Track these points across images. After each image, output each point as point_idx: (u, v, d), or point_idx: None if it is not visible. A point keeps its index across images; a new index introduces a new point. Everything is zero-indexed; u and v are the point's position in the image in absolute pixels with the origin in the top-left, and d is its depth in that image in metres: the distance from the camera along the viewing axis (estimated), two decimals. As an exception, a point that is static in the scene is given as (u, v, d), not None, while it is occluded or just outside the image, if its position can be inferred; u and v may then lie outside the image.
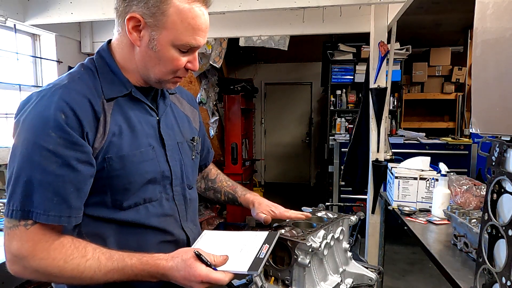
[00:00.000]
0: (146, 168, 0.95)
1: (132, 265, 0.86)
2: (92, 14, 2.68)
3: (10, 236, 0.82)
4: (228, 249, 0.96)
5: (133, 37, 0.91)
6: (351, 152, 3.22)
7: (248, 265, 0.88)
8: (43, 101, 0.86)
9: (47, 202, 0.81)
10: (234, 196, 1.29)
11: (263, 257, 0.90)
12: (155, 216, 0.98)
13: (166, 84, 0.99)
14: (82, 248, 0.85)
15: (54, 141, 0.82)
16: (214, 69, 4.47)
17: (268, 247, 0.94)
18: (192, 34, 0.92)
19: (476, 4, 0.89)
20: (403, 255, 3.96)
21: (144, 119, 0.99)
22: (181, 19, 0.89)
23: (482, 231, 0.91)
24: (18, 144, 0.84)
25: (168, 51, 0.92)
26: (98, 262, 0.85)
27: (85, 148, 0.86)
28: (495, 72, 0.85)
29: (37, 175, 0.81)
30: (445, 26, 5.01)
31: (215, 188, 1.33)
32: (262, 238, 0.99)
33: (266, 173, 7.48)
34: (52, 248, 0.83)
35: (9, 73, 2.96)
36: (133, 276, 0.87)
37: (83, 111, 0.87)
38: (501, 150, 0.86)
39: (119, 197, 0.93)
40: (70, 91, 0.88)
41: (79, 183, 0.86)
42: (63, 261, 0.83)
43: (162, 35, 0.90)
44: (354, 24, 3.00)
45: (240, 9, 2.45)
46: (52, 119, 0.82)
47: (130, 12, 0.89)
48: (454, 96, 5.36)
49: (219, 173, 1.38)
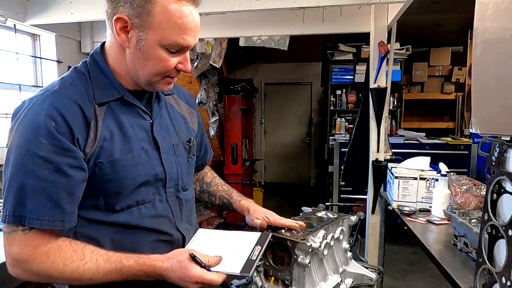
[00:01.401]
0: (138, 171, 0.96)
1: (130, 266, 0.88)
2: (92, 14, 2.68)
3: (10, 241, 0.84)
4: (221, 249, 0.98)
5: (122, 38, 0.91)
6: (351, 152, 3.22)
7: (241, 266, 0.90)
8: (34, 108, 0.86)
9: (40, 207, 0.83)
10: (229, 201, 1.28)
11: (255, 259, 0.92)
12: (148, 217, 0.99)
13: (157, 85, 0.97)
14: (80, 251, 0.87)
15: (45, 148, 0.83)
16: (214, 69, 4.48)
17: (260, 248, 0.96)
18: (180, 33, 0.90)
19: (476, 4, 0.89)
20: (403, 255, 3.96)
21: (136, 122, 0.99)
22: (167, 18, 0.88)
23: (482, 231, 0.91)
24: (11, 150, 0.85)
25: (156, 51, 0.91)
26: (96, 265, 0.87)
27: (76, 153, 0.87)
28: (495, 72, 0.85)
29: (30, 181, 0.82)
30: (445, 26, 5.00)
31: (210, 191, 1.32)
32: (254, 239, 1.00)
33: (266, 173, 7.48)
34: (51, 252, 0.85)
35: (9, 73, 2.96)
36: (131, 276, 0.89)
37: (73, 118, 0.87)
38: (501, 150, 0.86)
39: (112, 200, 0.94)
40: (60, 97, 0.88)
41: (71, 188, 0.87)
42: (63, 264, 0.85)
43: (149, 35, 0.89)
44: (354, 24, 3.01)
45: (240, 9, 2.46)
46: (43, 126, 0.83)
47: (117, 14, 0.89)
48: (454, 96, 5.36)
49: (215, 176, 1.37)
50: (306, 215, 1.23)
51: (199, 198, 1.35)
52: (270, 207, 1.25)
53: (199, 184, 1.34)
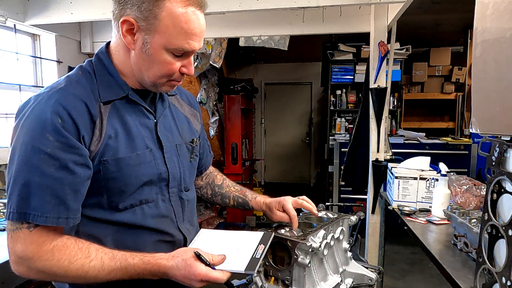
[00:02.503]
0: (142, 170, 0.96)
1: (135, 265, 0.88)
2: (92, 14, 2.68)
3: (14, 239, 0.84)
4: (225, 248, 0.98)
5: (127, 40, 0.91)
6: (351, 152, 3.22)
7: (245, 265, 0.91)
8: (40, 105, 0.87)
9: (45, 204, 0.83)
10: (244, 200, 1.29)
11: (259, 257, 0.93)
12: (151, 217, 0.99)
13: (161, 87, 0.98)
14: (86, 249, 0.87)
15: (51, 145, 0.83)
16: (214, 69, 4.47)
17: (264, 247, 0.96)
18: (185, 38, 0.91)
19: (476, 4, 0.89)
20: (403, 255, 3.96)
21: (141, 122, 0.99)
22: (173, 23, 0.88)
23: (482, 231, 0.91)
24: (16, 147, 0.85)
25: (161, 54, 0.91)
26: (101, 263, 0.87)
27: (82, 151, 0.87)
28: (495, 72, 0.85)
29: (35, 177, 0.82)
30: (445, 26, 5.00)
31: (222, 193, 1.33)
32: (257, 238, 1.01)
33: (266, 173, 7.48)
34: (56, 249, 0.85)
35: (9, 73, 2.96)
36: (136, 275, 0.89)
37: (79, 115, 0.87)
38: (501, 150, 0.86)
39: (115, 199, 0.94)
40: (66, 95, 0.88)
41: (76, 185, 0.87)
42: (68, 261, 0.84)
43: (155, 38, 0.89)
44: (354, 24, 3.01)
45: (240, 9, 2.46)
46: (50, 123, 0.83)
47: (124, 16, 0.89)
48: (454, 96, 5.36)
49: (224, 178, 1.38)
50: (306, 215, 1.23)
51: (211, 202, 1.36)
52: (270, 207, 1.25)
53: (210, 187, 1.34)
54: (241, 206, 1.30)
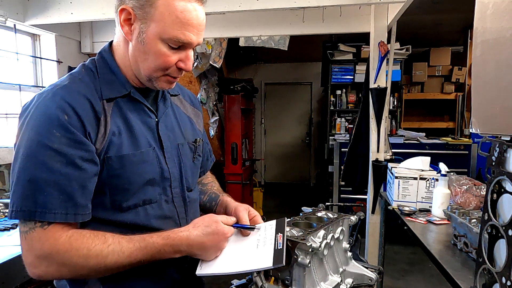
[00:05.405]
0: (145, 168, 0.96)
1: (154, 242, 0.89)
2: (92, 14, 2.68)
3: (29, 240, 0.82)
4: (243, 247, 0.96)
5: (125, 30, 0.91)
6: (351, 152, 3.22)
7: (271, 259, 0.89)
8: (45, 102, 0.86)
9: (53, 201, 0.82)
10: (216, 195, 1.23)
11: (281, 247, 0.90)
12: (154, 218, 0.98)
13: (157, 82, 0.96)
14: (102, 236, 0.87)
15: (58, 140, 0.82)
16: (214, 69, 4.47)
17: (282, 235, 0.94)
18: (181, 28, 0.89)
19: (476, 4, 0.89)
20: (403, 255, 3.96)
21: (142, 120, 0.99)
22: (169, 11, 0.88)
23: (482, 231, 0.91)
24: (21, 144, 0.84)
25: (156, 44, 0.90)
26: (120, 246, 0.86)
27: (88, 147, 0.87)
28: (495, 72, 0.85)
29: (42, 174, 0.81)
30: (445, 26, 5.01)
31: (202, 190, 1.27)
32: (272, 228, 0.98)
33: (266, 173, 7.48)
34: (73, 239, 0.84)
35: (9, 73, 2.96)
36: (156, 253, 0.89)
37: (84, 111, 0.87)
38: (501, 150, 0.86)
39: (118, 198, 0.93)
40: (71, 92, 0.88)
41: (84, 181, 0.86)
42: (87, 249, 0.84)
43: (150, 27, 0.89)
44: (354, 24, 3.01)
45: (240, 9, 2.46)
46: (56, 118, 0.83)
47: (122, 5, 0.90)
48: (454, 96, 5.36)
49: (214, 181, 1.33)
50: (306, 215, 1.23)
51: None
52: (270, 207, 1.25)
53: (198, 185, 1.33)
54: (208, 203, 1.23)
